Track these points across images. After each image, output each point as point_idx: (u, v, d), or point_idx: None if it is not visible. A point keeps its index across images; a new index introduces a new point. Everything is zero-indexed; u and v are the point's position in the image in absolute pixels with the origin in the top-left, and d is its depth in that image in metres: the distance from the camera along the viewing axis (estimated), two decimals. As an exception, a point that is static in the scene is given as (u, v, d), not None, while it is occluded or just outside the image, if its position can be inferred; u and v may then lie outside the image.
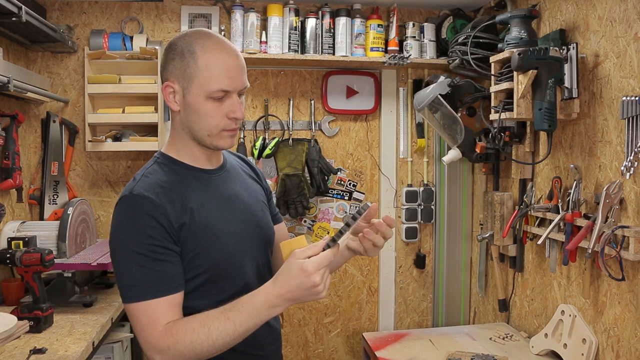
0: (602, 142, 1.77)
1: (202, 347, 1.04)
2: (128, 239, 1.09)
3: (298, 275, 1.02)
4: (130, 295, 1.08)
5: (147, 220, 1.08)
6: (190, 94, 1.14)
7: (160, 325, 1.07)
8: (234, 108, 1.15)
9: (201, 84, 1.12)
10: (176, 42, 1.16)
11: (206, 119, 1.15)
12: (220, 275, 1.17)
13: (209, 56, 1.13)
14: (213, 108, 1.14)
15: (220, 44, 1.15)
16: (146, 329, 1.07)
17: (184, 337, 1.05)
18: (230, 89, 1.14)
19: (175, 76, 1.15)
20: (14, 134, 2.08)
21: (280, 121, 2.63)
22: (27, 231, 2.03)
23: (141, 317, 1.07)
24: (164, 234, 1.09)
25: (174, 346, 1.05)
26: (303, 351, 2.75)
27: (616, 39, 1.70)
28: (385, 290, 2.78)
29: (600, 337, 1.78)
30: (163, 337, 1.06)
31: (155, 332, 1.06)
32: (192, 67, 1.13)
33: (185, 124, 1.18)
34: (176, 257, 1.11)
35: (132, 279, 1.08)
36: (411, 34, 2.55)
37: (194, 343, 1.04)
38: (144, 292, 1.07)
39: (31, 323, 1.67)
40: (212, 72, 1.12)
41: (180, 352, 1.05)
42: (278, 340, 1.34)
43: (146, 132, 2.46)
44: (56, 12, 2.42)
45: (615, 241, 1.64)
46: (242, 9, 2.41)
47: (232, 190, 1.26)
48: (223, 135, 1.17)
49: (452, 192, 2.74)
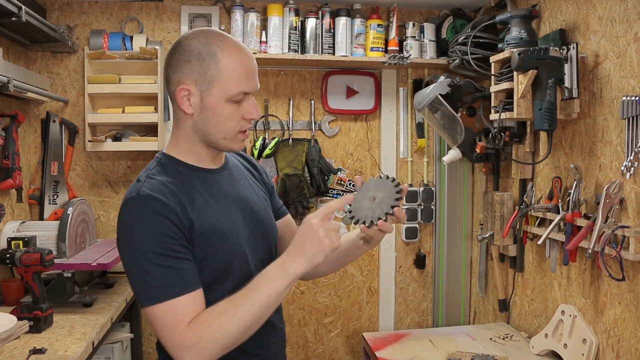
0: (602, 142, 1.77)
1: (232, 327, 1.02)
2: (142, 240, 1.06)
3: (301, 228, 1.08)
4: (152, 296, 1.04)
5: (159, 219, 1.06)
6: (211, 97, 1.12)
7: (186, 322, 1.04)
8: (251, 109, 1.16)
9: (223, 87, 1.12)
10: (190, 43, 1.14)
11: (225, 122, 1.14)
12: (227, 275, 1.17)
13: (229, 58, 1.12)
14: (232, 110, 1.14)
15: (238, 45, 1.15)
16: (173, 329, 1.03)
17: (213, 321, 1.03)
18: (250, 90, 1.14)
19: (192, 79, 1.13)
20: (13, 134, 2.08)
21: (280, 121, 2.63)
22: (27, 231, 2.03)
23: (167, 317, 1.04)
24: (178, 233, 1.07)
25: (204, 334, 1.02)
26: (303, 351, 2.75)
27: (616, 39, 1.70)
28: (385, 290, 2.78)
29: (600, 337, 1.78)
30: (191, 331, 1.03)
31: (182, 329, 1.03)
32: (213, 70, 1.11)
33: (200, 127, 1.16)
34: (190, 255, 1.10)
35: (152, 279, 1.04)
36: (411, 34, 2.55)
37: (224, 324, 1.02)
38: (168, 291, 1.04)
39: (31, 323, 1.67)
40: (233, 75, 1.12)
41: (211, 339, 1.02)
42: (283, 340, 1.35)
43: (146, 132, 2.46)
44: (56, 12, 2.42)
45: (616, 241, 1.64)
46: (242, 9, 2.41)
47: (236, 190, 1.26)
48: (238, 138, 1.18)
49: (452, 192, 2.74)
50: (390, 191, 1.15)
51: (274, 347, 1.29)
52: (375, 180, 1.19)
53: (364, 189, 1.19)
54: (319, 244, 1.04)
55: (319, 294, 2.74)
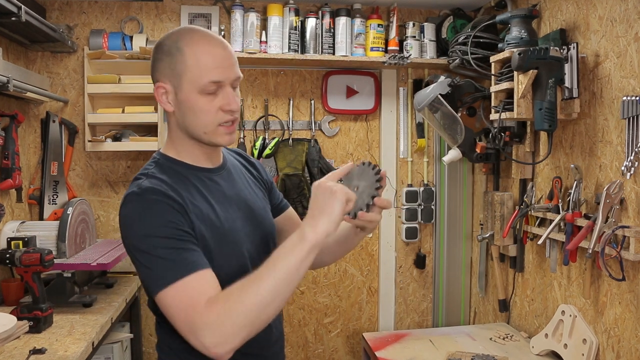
0: (602, 142, 1.77)
1: (251, 302, 0.97)
2: (148, 228, 1.04)
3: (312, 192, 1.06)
4: (165, 279, 1.01)
5: (162, 206, 1.05)
6: (182, 92, 1.12)
7: (203, 300, 0.99)
8: (228, 100, 1.13)
9: (192, 79, 1.11)
10: (163, 41, 1.15)
11: (201, 115, 1.13)
12: (226, 275, 1.16)
13: (195, 49, 1.11)
14: (207, 102, 1.12)
15: (205, 36, 1.14)
16: (189, 309, 0.98)
17: (231, 297, 0.98)
18: (221, 79, 1.12)
19: (165, 75, 1.14)
20: (13, 134, 2.08)
21: (280, 121, 2.63)
22: (27, 231, 2.03)
23: (182, 297, 1.00)
24: (182, 219, 1.06)
25: (222, 311, 0.97)
26: (303, 351, 2.74)
27: (616, 39, 1.70)
28: (385, 290, 2.77)
29: (600, 338, 1.78)
30: (210, 309, 0.98)
31: (200, 308, 0.98)
32: (180, 64, 1.11)
33: (181, 123, 1.16)
34: (196, 242, 1.08)
35: (163, 263, 1.02)
36: (411, 34, 2.55)
37: (243, 301, 0.97)
38: (180, 271, 1.01)
39: (31, 323, 1.67)
40: (201, 65, 1.11)
41: (230, 316, 0.97)
42: (281, 339, 1.34)
43: (146, 132, 2.45)
44: (56, 12, 2.42)
45: (616, 241, 1.64)
46: (242, 9, 2.41)
47: (234, 189, 1.25)
48: (220, 132, 1.15)
49: (452, 192, 2.74)
50: (371, 179, 1.11)
51: (273, 347, 1.29)
52: (357, 168, 1.14)
53: (349, 177, 1.14)
54: (331, 194, 1.02)
55: (319, 294, 2.74)
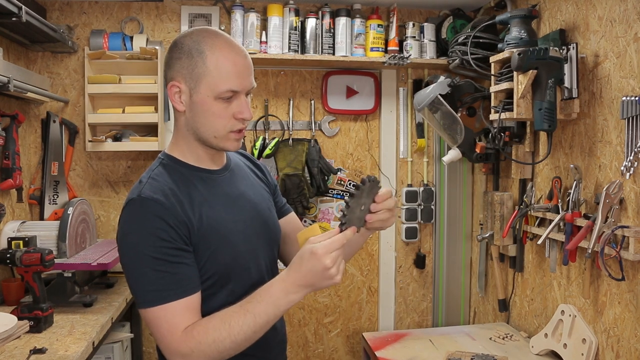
0: (602, 142, 1.77)
1: (225, 345, 1.04)
2: (140, 242, 1.06)
3: (309, 259, 1.02)
4: (146, 300, 1.06)
5: (157, 222, 1.06)
6: (198, 94, 1.12)
7: (181, 329, 1.05)
8: (241, 109, 1.15)
9: (210, 84, 1.11)
10: (183, 40, 1.15)
11: (214, 120, 1.14)
12: (229, 277, 1.16)
13: (218, 55, 1.11)
14: (221, 109, 1.13)
15: (229, 43, 1.14)
16: (167, 335, 1.05)
17: (206, 337, 1.04)
18: (239, 89, 1.13)
19: (182, 76, 1.13)
20: (14, 134, 2.08)
21: (280, 121, 2.63)
22: (27, 231, 2.03)
23: (161, 322, 1.06)
24: (175, 236, 1.08)
25: (197, 348, 1.04)
26: (303, 351, 2.75)
27: (616, 39, 1.70)
28: (385, 290, 2.78)
29: (600, 337, 1.78)
30: (185, 341, 1.04)
31: (177, 336, 1.05)
32: (200, 67, 1.11)
33: (191, 124, 1.16)
34: (190, 258, 1.10)
35: (147, 283, 1.06)
36: (411, 34, 2.55)
37: (217, 341, 1.04)
38: (161, 296, 1.05)
39: (31, 323, 1.67)
40: (222, 73, 1.11)
41: (203, 353, 1.04)
42: (284, 341, 1.35)
43: (146, 132, 2.46)
44: (56, 12, 2.42)
45: (615, 241, 1.64)
46: (242, 9, 2.41)
47: (238, 190, 1.25)
48: (230, 137, 1.16)
49: (452, 192, 2.74)
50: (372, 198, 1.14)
51: (275, 349, 1.29)
52: (368, 185, 1.12)
53: (358, 194, 1.12)
54: (329, 279, 1.03)
55: (319, 294, 2.74)
